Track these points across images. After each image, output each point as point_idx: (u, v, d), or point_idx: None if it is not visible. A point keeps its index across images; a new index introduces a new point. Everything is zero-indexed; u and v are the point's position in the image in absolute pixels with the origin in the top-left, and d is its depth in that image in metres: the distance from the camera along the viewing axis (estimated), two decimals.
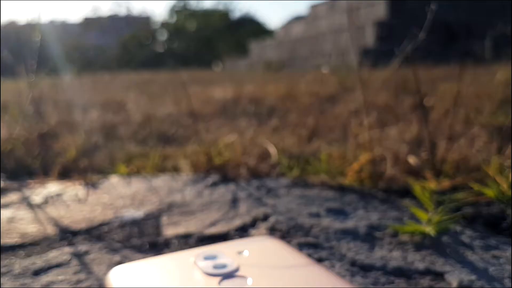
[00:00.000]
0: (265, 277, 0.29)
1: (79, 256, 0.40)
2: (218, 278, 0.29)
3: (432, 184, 0.52)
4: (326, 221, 0.46)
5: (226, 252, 0.34)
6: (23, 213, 0.53)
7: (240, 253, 0.34)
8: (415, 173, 0.59)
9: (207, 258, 0.33)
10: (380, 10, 4.20)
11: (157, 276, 0.30)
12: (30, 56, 0.71)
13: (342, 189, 0.59)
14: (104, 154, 0.85)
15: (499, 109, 1.09)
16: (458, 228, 0.43)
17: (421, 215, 0.41)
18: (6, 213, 0.53)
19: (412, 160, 0.61)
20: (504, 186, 0.48)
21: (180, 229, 0.46)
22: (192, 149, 0.83)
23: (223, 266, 0.31)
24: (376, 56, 1.99)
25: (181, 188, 0.62)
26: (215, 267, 0.31)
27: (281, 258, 0.33)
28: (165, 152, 0.85)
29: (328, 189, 0.59)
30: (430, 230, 0.39)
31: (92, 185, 0.65)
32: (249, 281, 0.29)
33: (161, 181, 0.66)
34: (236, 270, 0.30)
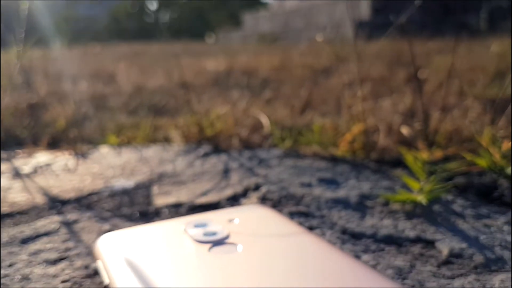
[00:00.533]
0: (256, 245, 0.29)
1: (68, 224, 0.39)
2: (208, 245, 0.29)
3: (424, 155, 0.52)
4: (317, 191, 0.46)
5: (217, 220, 0.34)
6: (12, 183, 0.52)
7: (230, 221, 0.34)
8: (408, 143, 0.59)
9: (197, 225, 0.32)
10: None
11: (147, 243, 0.30)
12: (19, 26, 0.69)
13: (334, 160, 0.58)
14: (94, 125, 0.84)
15: (493, 82, 1.09)
16: (449, 197, 0.42)
17: (413, 184, 0.41)
18: None
19: (405, 130, 0.60)
20: (497, 156, 0.47)
21: (171, 199, 0.46)
22: (183, 120, 0.82)
23: (213, 233, 0.31)
24: (371, 28, 1.97)
25: (172, 159, 0.62)
26: (205, 234, 0.31)
27: (272, 226, 0.33)
28: (156, 123, 0.84)
29: (320, 160, 0.59)
30: (421, 198, 0.39)
31: (81, 155, 0.65)
32: (239, 248, 0.28)
33: (152, 152, 0.66)
34: (226, 237, 0.30)
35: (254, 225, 0.33)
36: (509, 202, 0.40)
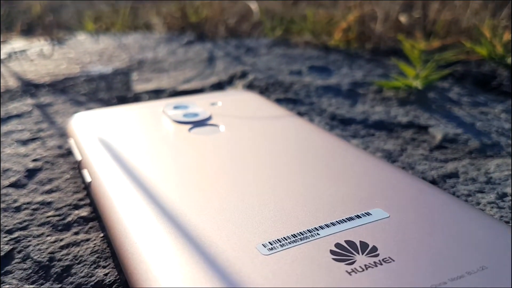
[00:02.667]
0: (240, 126, 0.27)
1: (41, 107, 0.37)
2: (188, 126, 0.27)
3: (421, 44, 0.49)
4: (307, 79, 0.44)
5: (198, 103, 0.32)
6: None
7: (213, 104, 0.31)
8: (405, 33, 0.55)
9: (177, 107, 0.30)
10: None
11: (122, 123, 0.28)
12: None
13: (327, 49, 0.55)
14: (71, 11, 0.79)
15: None
16: (446, 85, 0.40)
17: (408, 71, 0.39)
18: None
19: (403, 18, 0.57)
20: (497, 45, 0.45)
21: (151, 85, 0.43)
22: (166, 8, 0.76)
23: (194, 114, 0.29)
24: None
25: (153, 46, 0.58)
26: (185, 115, 0.29)
27: (257, 109, 0.31)
28: (137, 10, 0.78)
29: (312, 49, 0.55)
30: (416, 84, 0.37)
31: (57, 41, 0.60)
32: (222, 129, 0.27)
33: (132, 39, 0.61)
34: (208, 119, 0.28)
35: (238, 108, 0.31)
36: (507, 91, 0.38)
